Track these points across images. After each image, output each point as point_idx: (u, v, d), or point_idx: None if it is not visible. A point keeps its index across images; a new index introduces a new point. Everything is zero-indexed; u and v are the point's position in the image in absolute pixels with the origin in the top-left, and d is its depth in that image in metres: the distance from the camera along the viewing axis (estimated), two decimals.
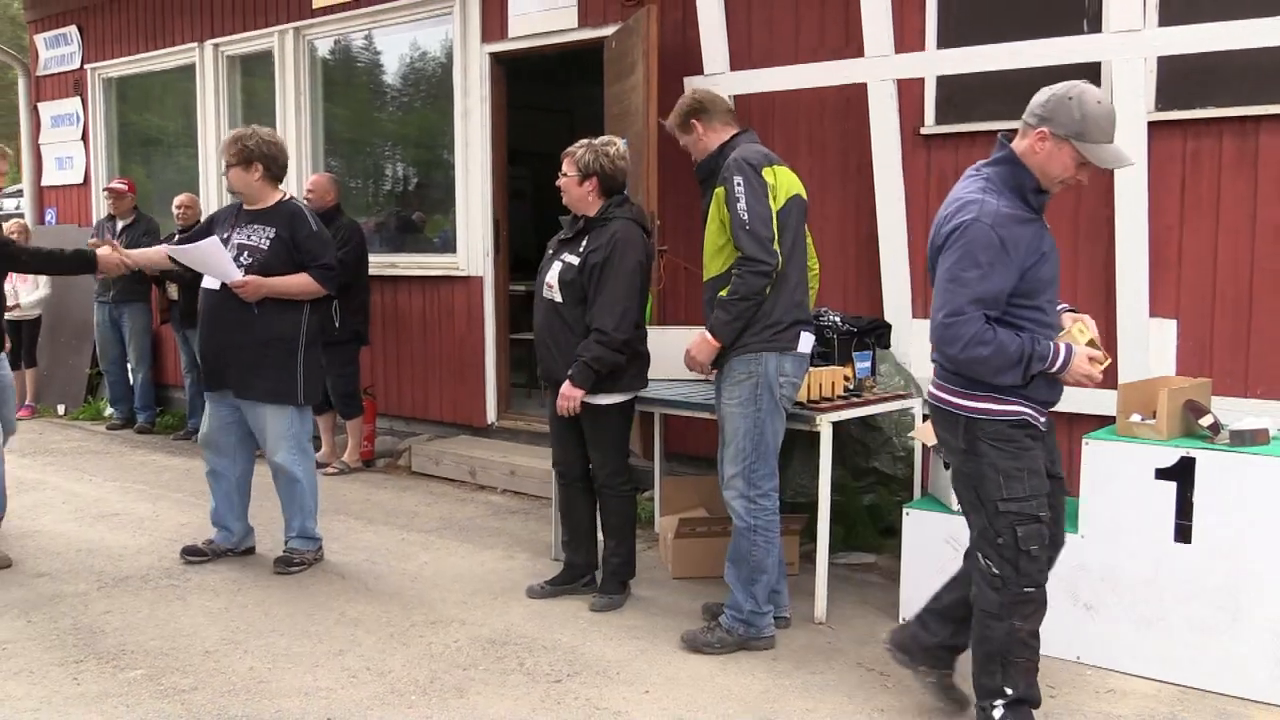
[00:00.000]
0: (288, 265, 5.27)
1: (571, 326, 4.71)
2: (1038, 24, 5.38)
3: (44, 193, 11.73)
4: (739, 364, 4.30)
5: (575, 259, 4.70)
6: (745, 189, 4.19)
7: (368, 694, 3.99)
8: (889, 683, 4.12)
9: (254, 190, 5.37)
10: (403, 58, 8.67)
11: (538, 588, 5.05)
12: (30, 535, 6.08)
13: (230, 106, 9.76)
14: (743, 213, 4.18)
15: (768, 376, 4.30)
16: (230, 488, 5.56)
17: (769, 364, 4.30)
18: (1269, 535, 3.90)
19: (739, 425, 4.32)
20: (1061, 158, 3.36)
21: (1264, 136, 4.88)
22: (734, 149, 4.35)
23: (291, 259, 5.29)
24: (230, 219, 5.46)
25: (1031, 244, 3.36)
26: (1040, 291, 3.43)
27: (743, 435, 4.32)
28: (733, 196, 4.21)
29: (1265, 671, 3.93)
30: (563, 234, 4.86)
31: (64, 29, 11.17)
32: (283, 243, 5.28)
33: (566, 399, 4.68)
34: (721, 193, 4.27)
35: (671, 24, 6.53)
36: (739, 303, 4.23)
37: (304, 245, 5.32)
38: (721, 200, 4.27)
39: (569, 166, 4.75)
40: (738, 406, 4.32)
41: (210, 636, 4.55)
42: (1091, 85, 3.44)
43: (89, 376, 10.47)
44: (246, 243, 5.29)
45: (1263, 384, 4.91)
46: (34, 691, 4.00)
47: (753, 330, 4.28)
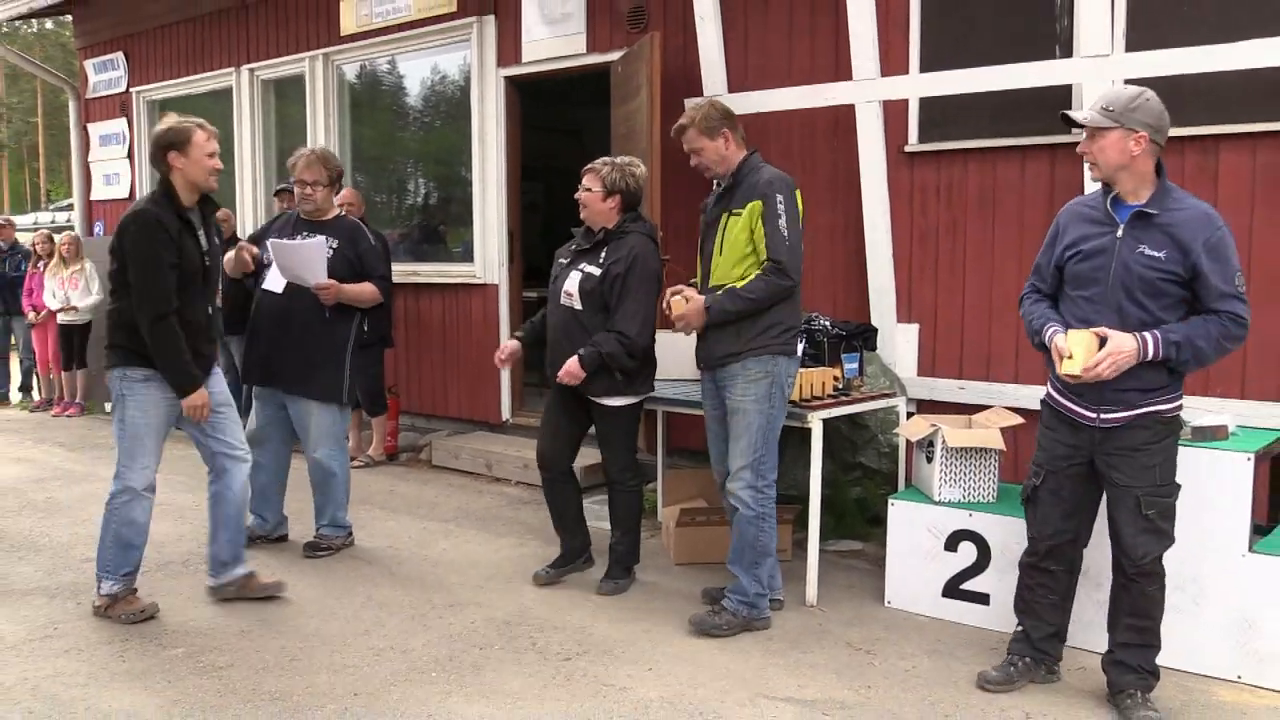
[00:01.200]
0: (347, 274, 5.31)
1: (589, 332, 4.66)
2: (1013, 49, 5.38)
3: (93, 206, 11.78)
4: (755, 364, 4.29)
5: (596, 269, 4.67)
6: (786, 209, 4.22)
7: (391, 671, 3.99)
8: (875, 661, 4.12)
9: (329, 205, 5.46)
10: (424, 81, 8.68)
11: (543, 573, 5.04)
12: (81, 523, 6.09)
13: (265, 127, 9.79)
14: (784, 229, 4.20)
15: (779, 377, 4.31)
16: (269, 480, 5.56)
17: (781, 365, 4.31)
18: (1228, 522, 3.90)
19: (754, 421, 4.31)
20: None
21: (1224, 154, 4.88)
22: (759, 167, 4.33)
23: (351, 268, 5.34)
24: (288, 230, 5.45)
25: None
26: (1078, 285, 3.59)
27: (756, 430, 4.31)
28: (775, 213, 4.20)
29: (1226, 651, 3.92)
30: (578, 245, 4.83)
31: (111, 55, 11.20)
32: (344, 252, 5.33)
33: (570, 374, 4.62)
34: (758, 207, 4.21)
35: (673, 50, 6.54)
36: (752, 301, 4.22)
37: (365, 257, 5.41)
38: (759, 214, 4.21)
39: (593, 182, 4.70)
40: (754, 403, 4.30)
41: (245, 617, 4.55)
42: None
43: None
44: None
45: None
46: (83, 668, 4.01)
47: (771, 333, 4.28)
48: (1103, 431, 3.53)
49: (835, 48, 5.96)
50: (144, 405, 4.45)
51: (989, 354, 5.59)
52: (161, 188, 4.44)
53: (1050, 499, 3.72)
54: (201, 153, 4.41)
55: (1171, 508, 3.52)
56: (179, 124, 4.46)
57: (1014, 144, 5.42)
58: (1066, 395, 3.61)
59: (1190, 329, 3.36)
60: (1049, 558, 3.78)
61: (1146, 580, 3.53)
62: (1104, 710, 3.64)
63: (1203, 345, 3.34)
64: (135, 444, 4.47)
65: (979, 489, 4.59)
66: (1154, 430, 3.48)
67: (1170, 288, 3.39)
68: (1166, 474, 3.51)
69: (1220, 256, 3.34)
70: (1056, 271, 3.66)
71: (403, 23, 8.32)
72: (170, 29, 10.48)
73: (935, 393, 5.73)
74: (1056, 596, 3.83)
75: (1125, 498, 3.52)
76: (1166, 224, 3.39)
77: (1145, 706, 3.53)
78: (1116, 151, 3.43)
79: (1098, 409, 3.52)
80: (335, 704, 3.70)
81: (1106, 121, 3.43)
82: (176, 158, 4.39)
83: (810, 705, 3.72)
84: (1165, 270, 3.37)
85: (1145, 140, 3.40)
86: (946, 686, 3.88)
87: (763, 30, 6.29)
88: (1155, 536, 3.50)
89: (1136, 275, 3.40)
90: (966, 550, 4.49)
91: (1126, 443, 3.49)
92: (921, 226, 5.79)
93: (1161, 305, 3.40)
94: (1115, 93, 3.53)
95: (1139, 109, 3.41)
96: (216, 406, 4.58)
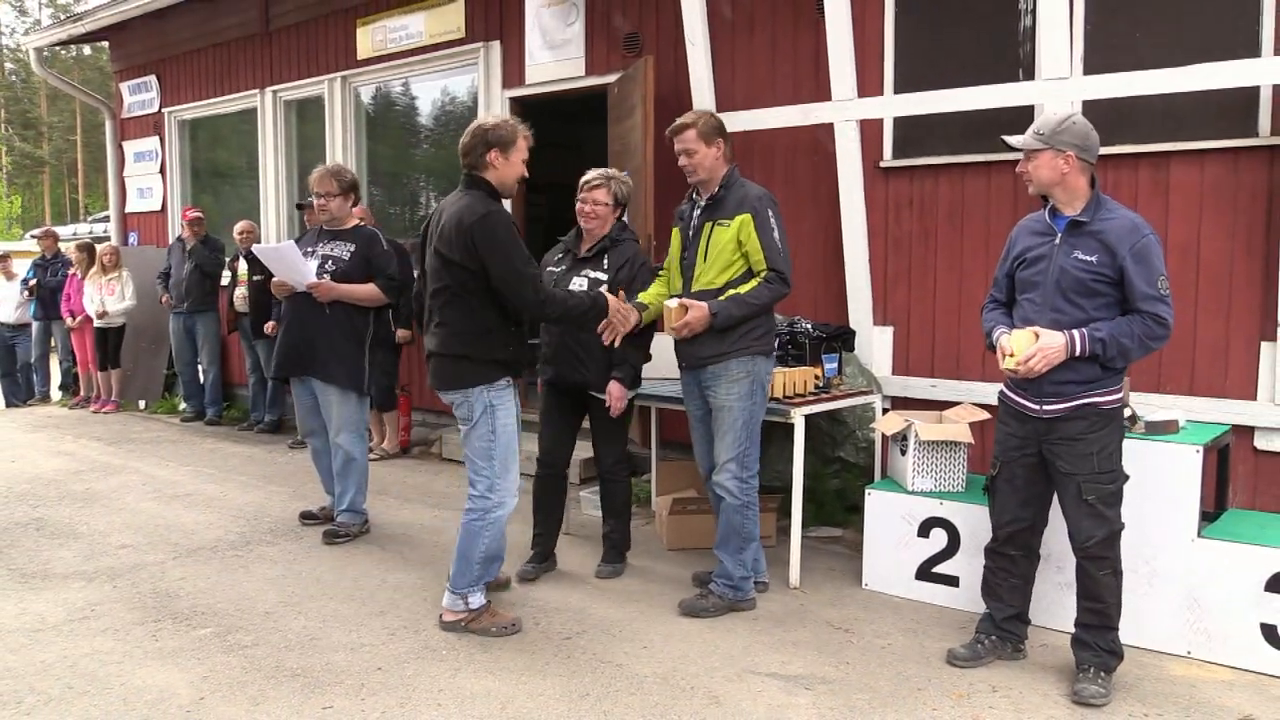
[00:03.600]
0: (362, 276, 5.42)
1: (597, 334, 4.53)
2: (981, 72, 5.38)
3: (127, 219, 11.73)
4: (737, 365, 4.27)
5: (603, 275, 4.64)
6: (777, 223, 4.24)
7: (405, 649, 3.98)
8: (853, 638, 4.12)
9: (345, 214, 5.51)
10: (434, 101, 8.67)
11: (529, 569, 4.88)
12: (116, 512, 6.08)
13: (287, 144, 9.76)
14: (779, 242, 4.22)
15: (760, 376, 4.31)
16: (330, 461, 5.59)
17: (761, 365, 4.31)
18: (1179, 509, 3.91)
19: (738, 417, 4.30)
20: None
21: (1175, 170, 4.89)
22: (744, 183, 4.33)
23: (365, 271, 5.43)
24: (313, 237, 5.58)
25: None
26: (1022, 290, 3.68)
27: (740, 426, 4.30)
28: (769, 227, 4.21)
29: (1177, 629, 3.93)
30: (575, 252, 4.79)
31: (145, 78, 11.17)
32: (360, 257, 5.43)
33: (620, 399, 4.61)
34: (749, 219, 4.20)
35: (665, 73, 6.53)
36: (757, 308, 4.22)
37: (375, 261, 5.47)
38: (750, 226, 4.20)
39: (607, 196, 4.68)
40: (737, 401, 4.29)
41: (269, 599, 4.54)
42: None
43: (166, 376, 10.47)
44: (331, 254, 5.43)
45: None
46: (118, 647, 4.00)
47: (754, 335, 4.28)
48: (1046, 422, 3.57)
49: (815, 71, 5.96)
50: (512, 412, 4.12)
51: (959, 354, 5.59)
52: (482, 186, 4.03)
53: (1006, 488, 3.75)
54: (519, 157, 4.07)
55: (1113, 494, 3.52)
56: (507, 123, 4.05)
57: (981, 160, 5.42)
58: (1015, 390, 3.68)
59: (1115, 327, 3.42)
60: (1008, 543, 3.80)
61: (1094, 564, 3.54)
62: (1065, 684, 3.64)
63: (1127, 343, 3.40)
64: (508, 453, 4.10)
65: (949, 479, 4.60)
66: (1091, 421, 3.51)
67: (1102, 288, 3.45)
68: (1105, 462, 3.52)
69: (1145, 261, 3.40)
70: (1008, 280, 3.76)
71: (415, 48, 8.32)
72: (199, 53, 10.46)
73: (909, 390, 5.73)
74: (1018, 580, 3.83)
75: (1068, 484, 3.56)
76: (1098, 231, 3.47)
77: (1095, 682, 3.53)
78: (1048, 170, 3.53)
79: (1040, 401, 3.57)
80: (352, 680, 3.69)
81: (1037, 144, 3.54)
82: (498, 157, 4.00)
83: (793, 680, 3.71)
84: (1096, 272, 3.44)
85: (1074, 158, 3.50)
86: (919, 662, 3.88)
87: (749, 54, 6.29)
88: (1098, 521, 3.51)
89: (1071, 277, 3.48)
90: (938, 536, 4.49)
91: (1067, 432, 3.53)
92: (896, 236, 5.79)
93: (1095, 305, 3.47)
94: (1045, 117, 3.64)
95: (1065, 131, 3.51)
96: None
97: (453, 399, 4.10)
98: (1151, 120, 4.97)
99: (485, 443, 4.06)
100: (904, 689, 3.64)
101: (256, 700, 3.52)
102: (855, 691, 3.62)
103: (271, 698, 3.54)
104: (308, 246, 5.48)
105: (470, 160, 4.03)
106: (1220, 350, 4.82)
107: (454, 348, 4.03)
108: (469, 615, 4.12)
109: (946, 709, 3.48)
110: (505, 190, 4.08)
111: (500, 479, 4.09)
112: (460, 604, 4.13)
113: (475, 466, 4.11)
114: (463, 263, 3.91)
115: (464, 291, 3.97)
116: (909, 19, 5.72)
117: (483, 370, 4.03)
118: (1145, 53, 4.93)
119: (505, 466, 4.09)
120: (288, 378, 5.53)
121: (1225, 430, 4.36)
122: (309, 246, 5.48)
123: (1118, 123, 5.00)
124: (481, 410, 4.04)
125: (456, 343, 4.03)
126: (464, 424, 4.12)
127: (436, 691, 3.60)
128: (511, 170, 4.04)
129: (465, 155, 4.05)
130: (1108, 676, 3.57)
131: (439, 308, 4.05)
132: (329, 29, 9.05)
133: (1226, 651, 3.83)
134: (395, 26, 8.44)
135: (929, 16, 5.67)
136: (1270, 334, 4.66)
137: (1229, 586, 3.82)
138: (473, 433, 4.07)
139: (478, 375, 4.03)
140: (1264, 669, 3.75)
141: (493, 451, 4.06)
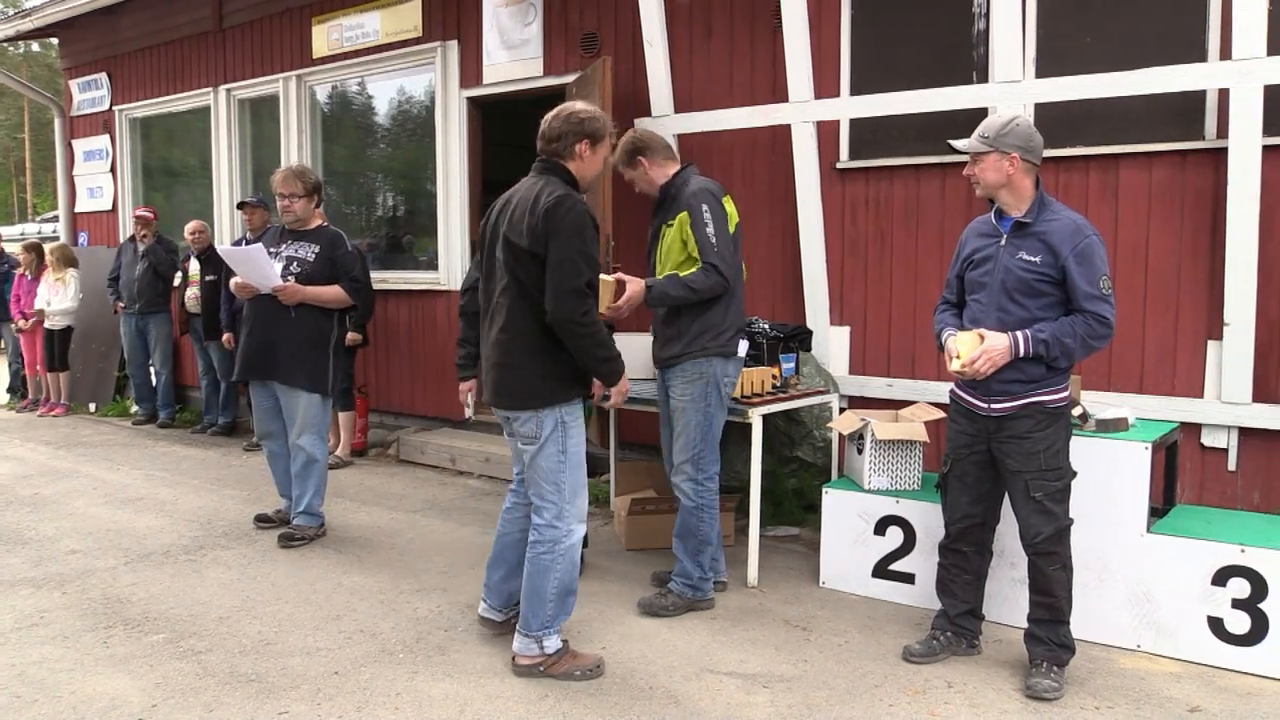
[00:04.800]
0: (327, 278, 5.38)
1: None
2: (935, 75, 5.44)
3: (77, 218, 11.52)
4: (692, 366, 4.29)
5: None
6: (711, 216, 4.22)
7: (362, 652, 3.95)
8: (811, 636, 4.14)
9: (309, 215, 5.46)
10: (391, 101, 8.59)
11: None
12: (66, 517, 5.97)
13: (241, 144, 9.63)
14: (712, 237, 4.20)
15: (715, 378, 4.31)
16: (288, 464, 5.54)
17: (717, 367, 4.31)
18: (1129, 505, 3.97)
19: (691, 419, 4.31)
20: None
21: (1124, 172, 4.97)
22: (688, 180, 4.34)
23: (330, 273, 5.39)
24: (275, 238, 5.51)
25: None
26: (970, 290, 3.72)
27: (694, 428, 4.32)
28: (702, 221, 4.20)
29: (1127, 622, 4.00)
30: None
31: (95, 75, 10.98)
32: (325, 258, 5.38)
33: (622, 394, 4.15)
34: (686, 217, 4.23)
35: (624, 73, 6.53)
36: (692, 291, 4.21)
37: (340, 262, 5.44)
38: (687, 223, 4.23)
39: None
40: (690, 402, 4.31)
41: (224, 604, 4.48)
42: None
43: (117, 378, 10.30)
44: (295, 255, 5.37)
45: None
46: (68, 654, 3.93)
47: (707, 336, 4.27)
48: (995, 420, 3.62)
49: (773, 72, 5.99)
50: (583, 430, 3.72)
51: (914, 354, 5.64)
52: (560, 173, 3.66)
53: (958, 485, 3.79)
54: (603, 154, 3.77)
55: (1060, 491, 3.57)
56: (600, 116, 3.73)
57: (936, 162, 5.48)
58: (964, 388, 3.72)
59: (1058, 328, 3.47)
60: (960, 540, 3.84)
61: (1044, 560, 3.58)
62: (1019, 679, 3.69)
63: (1069, 343, 3.45)
64: (576, 476, 3.68)
65: (905, 478, 4.64)
66: (1038, 419, 3.56)
67: (1046, 288, 3.50)
68: (1052, 460, 3.57)
69: (1087, 261, 3.45)
70: (958, 281, 3.80)
71: (371, 46, 8.25)
72: (151, 51, 10.30)
73: (865, 389, 5.77)
74: (970, 576, 3.88)
75: (1016, 481, 3.60)
76: (1041, 232, 3.52)
77: (1047, 675, 3.58)
78: (994, 172, 3.57)
79: (989, 400, 3.62)
80: (309, 684, 3.65)
81: (983, 147, 3.58)
82: (586, 149, 3.68)
83: (752, 678, 3.73)
84: (1040, 273, 3.49)
85: (1018, 160, 3.54)
86: (876, 659, 3.91)
87: (706, 56, 6.31)
88: (1045, 517, 3.56)
89: (1016, 278, 3.53)
90: (894, 534, 4.53)
91: (1015, 430, 3.58)
92: (852, 236, 5.83)
93: (1039, 305, 3.51)
94: (989, 120, 3.67)
95: (1009, 133, 3.55)
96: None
97: (517, 416, 3.66)
98: (1101, 123, 5.05)
99: (554, 463, 3.62)
100: (861, 686, 3.67)
101: (210, 706, 3.47)
102: (813, 689, 3.64)
103: (226, 704, 3.49)
104: (270, 247, 5.41)
105: (556, 147, 3.67)
106: (1168, 349, 4.91)
107: (521, 359, 3.60)
108: (546, 659, 3.71)
109: (903, 705, 3.51)
110: (584, 185, 3.75)
111: (569, 504, 3.66)
112: (534, 647, 3.71)
113: (541, 491, 3.65)
114: (531, 248, 3.50)
115: (536, 289, 3.53)
116: (865, 21, 5.76)
117: (556, 387, 3.61)
118: (1095, 57, 5.01)
119: (575, 491, 3.67)
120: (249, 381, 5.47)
121: (1174, 427, 4.44)
122: (271, 247, 5.41)
123: (1068, 125, 5.08)
124: (552, 428, 3.61)
125: (524, 355, 3.59)
126: (528, 444, 3.65)
127: (394, 695, 3.57)
128: (594, 166, 3.74)
129: (551, 140, 3.68)
130: (1060, 670, 3.62)
131: (504, 309, 3.62)
132: (284, 27, 8.95)
133: (1175, 645, 3.90)
134: (351, 25, 8.37)
135: (885, 19, 5.72)
136: (1216, 333, 4.75)
137: (1177, 581, 3.89)
138: (540, 454, 3.62)
139: (551, 392, 3.61)
140: (1211, 661, 3.82)
141: (562, 475, 3.63)
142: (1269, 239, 4.60)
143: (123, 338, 9.45)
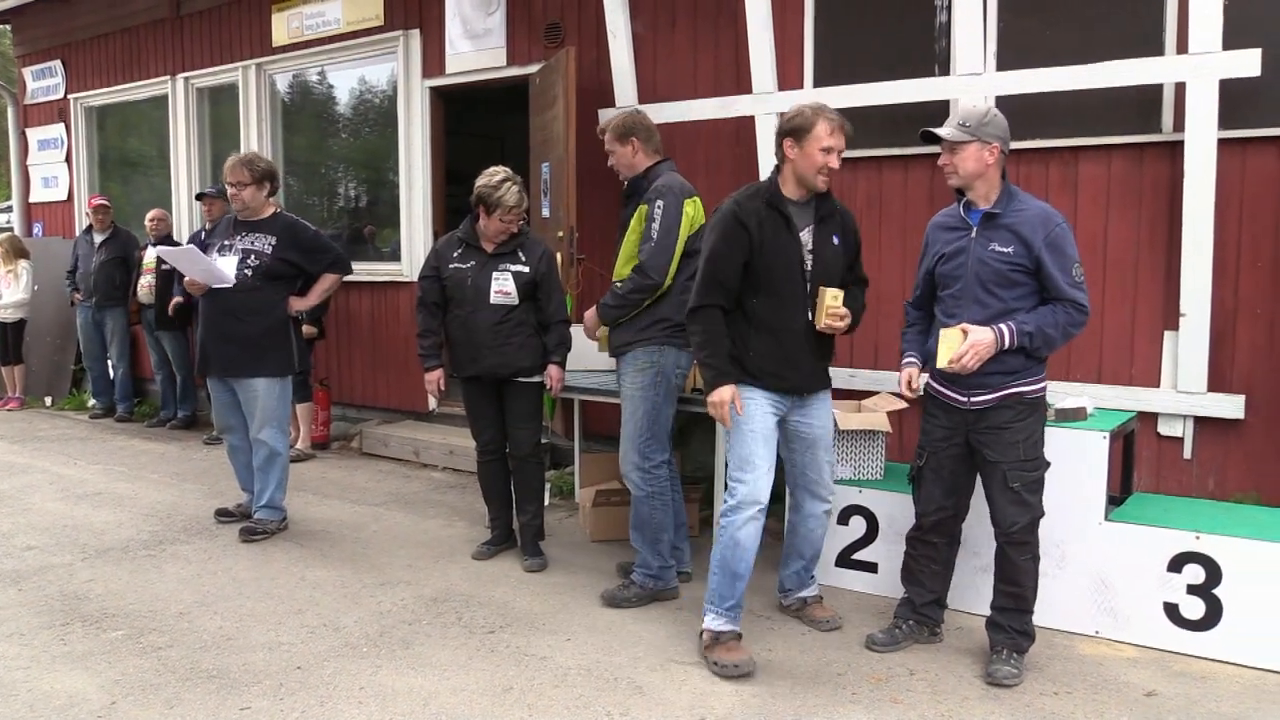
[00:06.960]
0: (286, 271, 5.29)
1: (525, 323, 4.76)
2: (898, 67, 5.46)
3: (31, 209, 11.32)
4: (643, 354, 4.29)
5: (525, 269, 4.75)
6: (664, 215, 4.20)
7: (325, 647, 3.92)
8: (775, 625, 4.17)
9: (259, 204, 5.32)
10: (353, 90, 8.51)
11: (482, 549, 5.04)
12: (21, 513, 5.87)
13: (199, 133, 9.50)
14: (654, 233, 4.19)
15: (666, 368, 4.31)
16: (249, 458, 5.48)
17: (669, 357, 4.31)
18: (1087, 494, 4.02)
19: (639, 407, 4.32)
20: None
21: (1083, 165, 5.03)
22: (659, 175, 4.33)
23: (291, 266, 5.30)
24: (227, 230, 5.36)
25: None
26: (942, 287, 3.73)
27: (641, 416, 4.33)
28: (652, 216, 4.20)
29: (1085, 609, 4.05)
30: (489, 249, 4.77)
31: (49, 63, 10.78)
32: (283, 248, 5.27)
33: (560, 380, 4.86)
34: (644, 210, 4.24)
35: (588, 64, 6.51)
36: (620, 298, 4.28)
37: (310, 246, 5.38)
38: (643, 217, 4.24)
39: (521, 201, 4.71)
40: (639, 390, 4.31)
41: (184, 600, 4.43)
42: None
43: (74, 371, 10.14)
44: (251, 248, 5.24)
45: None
46: (25, 652, 3.87)
47: (659, 326, 4.28)
48: (974, 413, 3.64)
49: (736, 64, 5.99)
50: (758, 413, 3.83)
51: (876, 344, 5.67)
52: (771, 176, 3.83)
53: (933, 477, 3.81)
54: (816, 146, 3.69)
55: (1036, 481, 3.61)
56: (804, 111, 3.75)
57: (898, 153, 5.51)
58: (942, 383, 3.73)
59: (1040, 318, 3.50)
60: (933, 531, 3.87)
61: (1017, 550, 3.63)
62: (979, 666, 3.73)
63: (1051, 332, 3.49)
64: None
65: (868, 468, 4.67)
66: (1017, 410, 3.59)
67: (1020, 278, 3.53)
68: (1030, 450, 3.60)
69: (1059, 250, 3.49)
70: (928, 277, 3.80)
71: (332, 35, 8.16)
72: (107, 38, 10.13)
73: None
74: (939, 566, 3.92)
75: (995, 472, 3.62)
76: (1011, 224, 3.53)
77: (1008, 663, 3.63)
78: (974, 162, 3.57)
79: (968, 393, 3.63)
80: (271, 680, 3.62)
81: (964, 136, 3.57)
82: (791, 147, 3.73)
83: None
84: (1014, 263, 3.51)
85: (997, 151, 3.56)
86: (839, 648, 3.94)
87: (670, 47, 6.30)
88: (1022, 508, 3.59)
89: (990, 269, 3.54)
90: (857, 524, 4.56)
91: (994, 422, 3.60)
92: None
93: (1014, 296, 3.54)
94: (967, 110, 3.67)
95: (990, 123, 3.57)
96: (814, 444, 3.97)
97: None
98: (1061, 116, 5.10)
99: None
100: (824, 674, 3.70)
101: (171, 703, 3.44)
102: (777, 678, 3.66)
103: (187, 700, 3.46)
104: (222, 239, 5.29)
105: (777, 152, 3.83)
106: (1126, 339, 4.98)
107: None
108: (705, 634, 3.82)
109: (865, 693, 3.55)
110: (805, 182, 3.76)
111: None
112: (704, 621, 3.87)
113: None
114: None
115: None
116: (828, 13, 5.78)
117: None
118: (1055, 50, 5.06)
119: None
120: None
121: (1131, 417, 4.50)
122: (223, 239, 5.29)
123: (1029, 118, 5.12)
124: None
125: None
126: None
127: (357, 689, 3.55)
128: (807, 160, 3.71)
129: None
130: (1020, 657, 3.67)
131: None
132: (243, 14, 8.82)
133: (1132, 630, 3.96)
134: (312, 13, 8.27)
135: (848, 11, 5.74)
136: (1173, 323, 4.82)
137: (1134, 568, 3.95)
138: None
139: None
140: (1167, 646, 3.89)
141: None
142: (1224, 231, 4.67)
143: (79, 330, 9.31)
